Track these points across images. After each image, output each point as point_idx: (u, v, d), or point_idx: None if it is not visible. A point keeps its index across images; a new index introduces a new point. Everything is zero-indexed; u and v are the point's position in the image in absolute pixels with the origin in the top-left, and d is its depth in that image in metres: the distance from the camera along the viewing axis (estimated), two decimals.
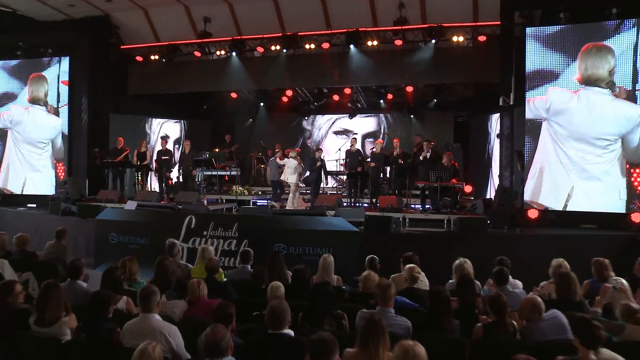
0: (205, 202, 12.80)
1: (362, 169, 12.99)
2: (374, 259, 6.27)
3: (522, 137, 11.03)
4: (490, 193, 14.96)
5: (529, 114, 10.84)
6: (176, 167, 15.03)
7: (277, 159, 13.96)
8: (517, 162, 11.38)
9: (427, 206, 12.05)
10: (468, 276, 5.14)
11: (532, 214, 10.47)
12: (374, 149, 12.92)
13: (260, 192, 14.95)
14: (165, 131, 17.75)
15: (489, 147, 15.30)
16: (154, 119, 17.43)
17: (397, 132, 17.35)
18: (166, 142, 14.42)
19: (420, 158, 12.28)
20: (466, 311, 4.82)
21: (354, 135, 14.33)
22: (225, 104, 17.91)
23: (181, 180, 14.79)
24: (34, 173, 14.93)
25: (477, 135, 16.14)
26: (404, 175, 12.03)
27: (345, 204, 12.34)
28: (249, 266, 6.53)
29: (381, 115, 18.23)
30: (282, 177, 13.43)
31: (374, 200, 12.59)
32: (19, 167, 15.05)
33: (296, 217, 9.60)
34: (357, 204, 12.93)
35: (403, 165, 12.61)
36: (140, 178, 14.11)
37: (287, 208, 12.85)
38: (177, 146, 17.85)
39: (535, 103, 10.77)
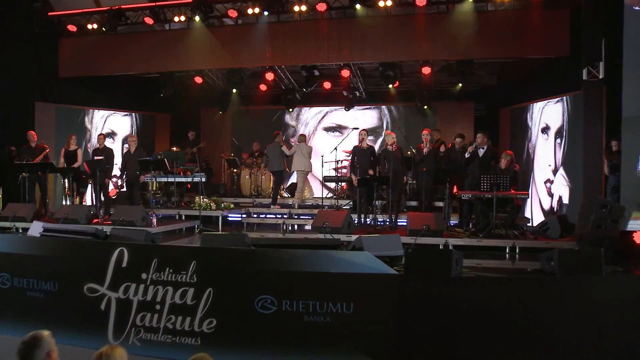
0: (154, 220, 9.07)
1: (375, 172, 9.40)
2: None
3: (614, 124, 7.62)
4: (532, 202, 11.58)
5: None
6: (119, 171, 11.19)
7: (285, 148, 11.56)
8: (605, 162, 7.97)
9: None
10: None
11: None
12: (391, 144, 9.15)
13: (232, 205, 11.23)
14: (111, 126, 13.94)
15: (528, 144, 11.93)
16: (95, 111, 13.59)
17: (405, 127, 13.82)
18: (104, 138, 10.60)
19: (467, 155, 8.70)
20: None
21: (360, 128, 10.58)
22: (187, 92, 14.00)
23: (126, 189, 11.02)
24: None
25: (510, 130, 12.79)
26: (442, 181, 8.35)
27: (354, 220, 8.72)
28: None
29: (383, 107, 14.72)
30: (296, 168, 11.56)
31: (393, 217, 8.96)
32: None
33: (292, 252, 5.89)
34: (367, 220, 9.35)
35: (450, 166, 8.85)
36: (67, 186, 10.27)
37: (296, 198, 10.60)
38: (126, 145, 14.05)
39: None
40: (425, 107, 13.45)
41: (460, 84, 12.51)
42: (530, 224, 9.84)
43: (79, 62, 12.24)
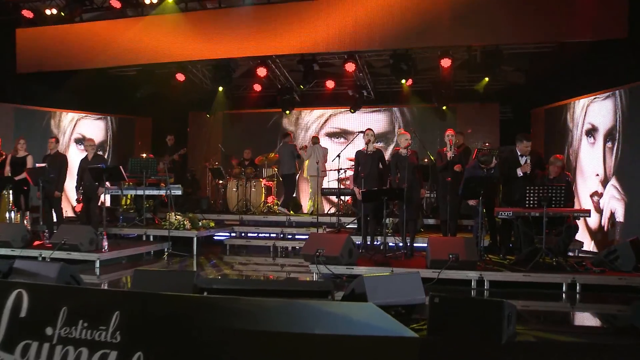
0: (105, 243, 7.22)
1: (385, 183, 7.45)
2: None
3: None
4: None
5: None
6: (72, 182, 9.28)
7: (297, 147, 11.27)
8: None
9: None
10: None
11: None
12: (405, 148, 7.04)
13: (212, 223, 9.36)
14: (81, 131, 12.18)
15: (569, 150, 9.99)
16: (63, 113, 11.83)
17: (421, 131, 11.88)
18: (55, 142, 8.81)
19: (520, 172, 6.61)
20: None
21: (365, 129, 8.45)
22: (171, 93, 12.07)
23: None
24: None
25: (544, 133, 10.89)
26: (473, 194, 6.33)
27: (358, 243, 6.75)
28: None
29: (395, 109, 12.85)
30: (310, 173, 10.93)
31: (408, 240, 6.98)
32: None
33: (260, 303, 3.95)
34: (376, 242, 7.39)
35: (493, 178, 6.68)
36: (11, 199, 8.44)
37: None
38: (101, 153, 12.25)
39: None
40: (444, 107, 11.53)
41: (486, 78, 10.56)
42: (583, 248, 7.87)
43: (39, 55, 10.54)
